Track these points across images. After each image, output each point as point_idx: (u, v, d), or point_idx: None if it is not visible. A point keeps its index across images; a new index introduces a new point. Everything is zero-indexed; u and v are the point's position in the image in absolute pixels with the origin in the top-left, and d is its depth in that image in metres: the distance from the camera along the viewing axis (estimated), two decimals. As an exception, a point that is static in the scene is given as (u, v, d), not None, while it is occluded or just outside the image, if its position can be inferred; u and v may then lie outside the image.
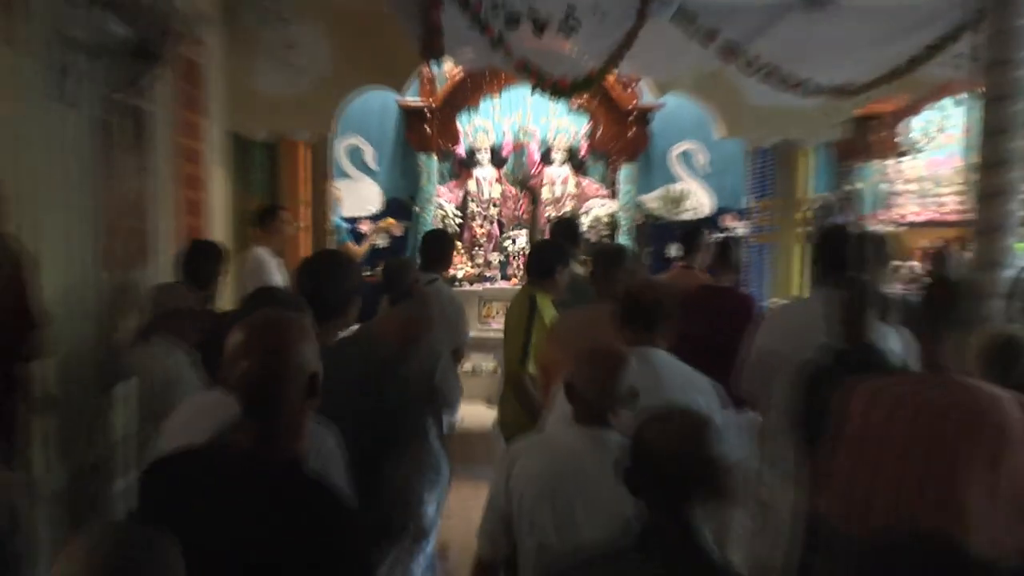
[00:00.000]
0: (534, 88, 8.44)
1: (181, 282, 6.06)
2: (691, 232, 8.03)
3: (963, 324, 3.97)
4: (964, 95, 10.38)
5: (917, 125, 11.44)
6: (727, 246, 7.18)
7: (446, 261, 7.41)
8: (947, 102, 11.18)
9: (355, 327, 4.58)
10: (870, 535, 3.62)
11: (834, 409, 3.98)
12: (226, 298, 7.24)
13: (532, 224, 8.00)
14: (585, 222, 11.08)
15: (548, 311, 5.94)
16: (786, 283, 10.63)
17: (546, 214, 10.72)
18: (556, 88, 8.10)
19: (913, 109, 11.15)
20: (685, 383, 4.15)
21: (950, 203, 11.46)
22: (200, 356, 5.31)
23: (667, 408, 3.10)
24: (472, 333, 9.55)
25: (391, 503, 4.38)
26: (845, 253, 5.57)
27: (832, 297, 5.02)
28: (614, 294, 4.89)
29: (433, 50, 5.74)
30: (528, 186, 9.00)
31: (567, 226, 7.52)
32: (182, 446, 2.90)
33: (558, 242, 6.59)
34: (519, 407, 5.67)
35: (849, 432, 3.93)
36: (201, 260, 6.37)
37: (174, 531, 2.35)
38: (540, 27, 7.47)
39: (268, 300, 3.64)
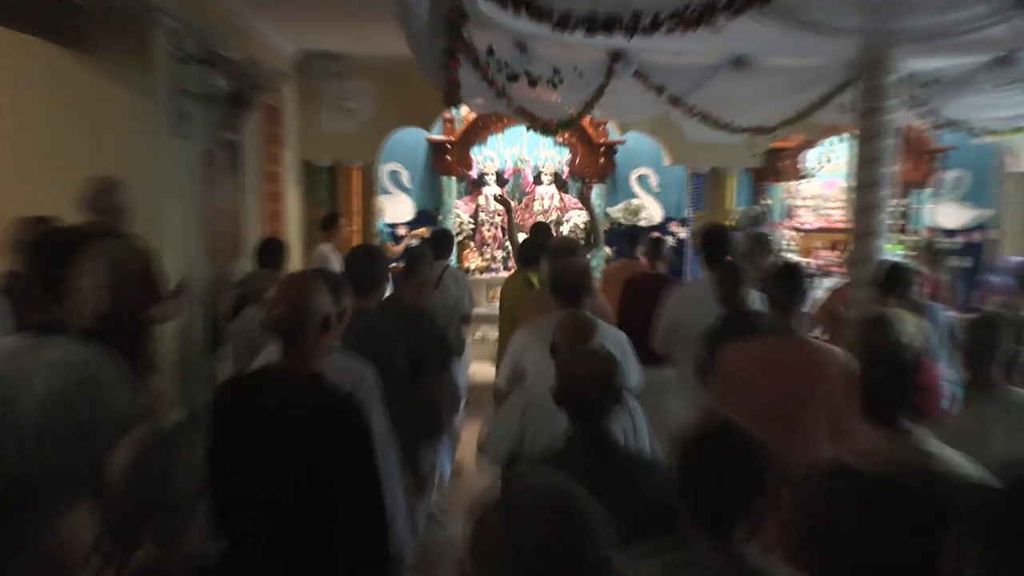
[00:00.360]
0: (529, 127, 8.47)
1: (260, 269, 6.12)
2: (633, 234, 8.28)
3: (804, 299, 4.06)
4: (846, 134, 10.44)
5: (812, 156, 11.47)
6: (657, 243, 7.25)
7: (449, 251, 7.46)
8: (833, 139, 11.24)
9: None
10: None
11: (717, 362, 4.10)
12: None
13: (509, 227, 8.03)
14: (565, 228, 11.18)
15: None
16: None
17: (538, 219, 10.77)
18: (545, 127, 8.13)
19: (809, 144, 11.16)
20: (603, 334, 4.01)
21: (836, 215, 11.52)
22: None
23: (588, 349, 3.24)
24: (482, 310, 9.65)
25: (426, 413, 4.55)
26: (722, 246, 5.62)
27: (713, 279, 5.12)
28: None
29: (453, 99, 5.80)
30: (502, 200, 8.99)
31: (543, 227, 7.61)
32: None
33: (539, 239, 6.69)
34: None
35: (722, 379, 4.04)
36: (271, 250, 6.40)
37: (235, 427, 2.66)
38: (533, 83, 7.52)
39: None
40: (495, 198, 11.03)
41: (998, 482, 1.63)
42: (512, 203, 10.08)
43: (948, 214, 11.61)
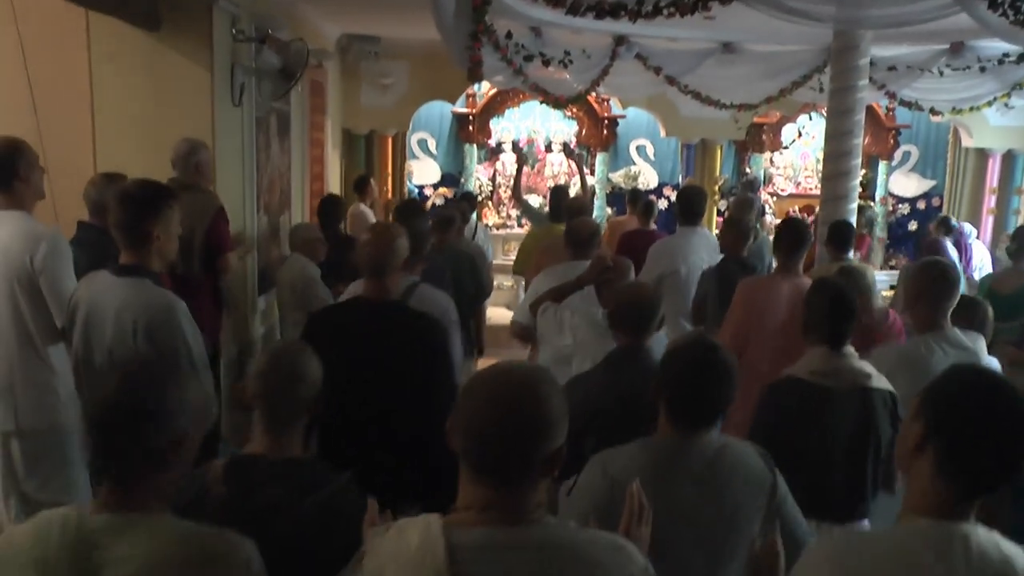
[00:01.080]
0: (542, 101, 8.52)
1: (304, 223, 6.14)
2: (632, 195, 8.47)
3: (803, 248, 4.21)
4: (817, 112, 10.42)
5: (789, 130, 11.43)
6: (648, 204, 7.32)
7: (474, 208, 7.65)
8: (808, 116, 11.20)
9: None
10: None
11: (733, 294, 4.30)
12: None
13: (516, 179, 8.02)
14: (572, 192, 11.19)
15: None
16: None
17: (548, 184, 10.81)
18: (556, 102, 8.17)
19: (787, 119, 11.15)
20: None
21: (807, 183, 11.53)
22: (323, 270, 5.52)
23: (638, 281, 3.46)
24: (497, 260, 9.70)
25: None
26: (696, 205, 5.71)
27: (688, 232, 5.41)
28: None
29: (476, 76, 5.82)
30: (518, 152, 8.92)
31: (561, 190, 7.66)
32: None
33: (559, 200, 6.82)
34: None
35: (736, 308, 4.24)
36: (332, 207, 6.43)
37: (330, 347, 2.61)
38: (546, 63, 7.53)
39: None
40: (514, 149, 11.02)
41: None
42: (525, 167, 10.11)
43: (903, 184, 11.58)
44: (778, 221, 10.69)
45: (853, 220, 6.16)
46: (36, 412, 3.51)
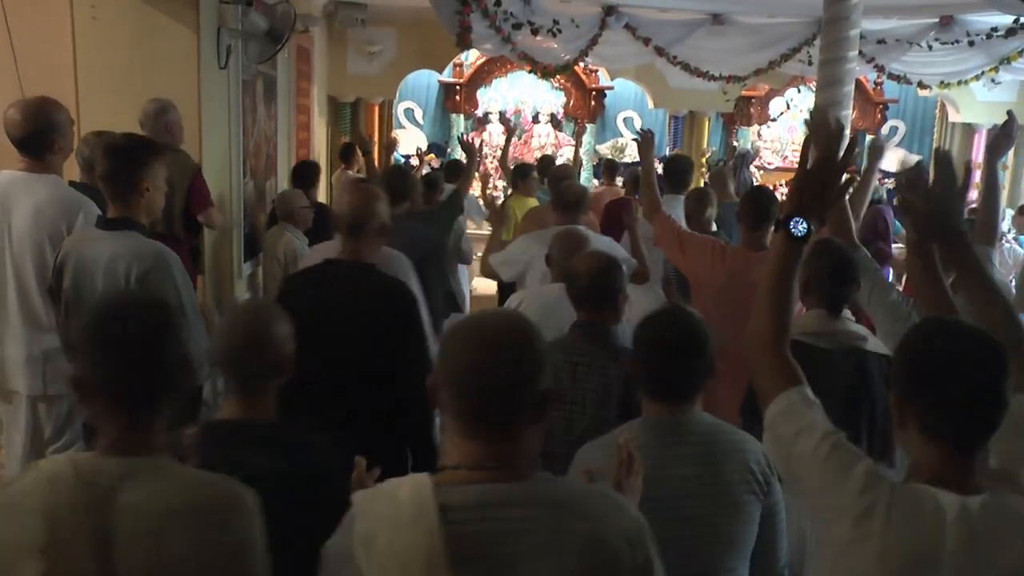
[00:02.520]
0: (530, 71, 8.47)
1: (292, 189, 6.13)
2: (610, 166, 8.45)
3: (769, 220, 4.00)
4: (805, 85, 10.43)
5: (776, 103, 11.43)
6: (635, 175, 7.34)
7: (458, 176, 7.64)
8: (794, 90, 11.20)
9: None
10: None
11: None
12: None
13: (505, 149, 7.97)
14: (559, 162, 11.17)
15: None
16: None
17: (535, 155, 10.77)
18: (545, 71, 8.15)
19: (775, 92, 11.16)
20: (596, 243, 3.95)
21: (794, 157, 11.53)
22: (308, 236, 5.50)
23: (593, 251, 3.23)
24: (483, 231, 9.66)
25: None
26: (682, 174, 5.87)
27: (672, 200, 5.37)
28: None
29: (464, 42, 5.81)
30: (506, 123, 8.80)
31: (548, 159, 7.67)
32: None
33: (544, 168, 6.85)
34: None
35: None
36: (305, 171, 6.42)
37: (304, 307, 2.60)
38: (535, 31, 7.51)
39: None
40: (501, 120, 10.98)
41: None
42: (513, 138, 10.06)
43: (889, 158, 11.60)
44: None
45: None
46: (63, 377, 3.47)
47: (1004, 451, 1.67)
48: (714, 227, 5.08)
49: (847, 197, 3.18)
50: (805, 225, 1.83)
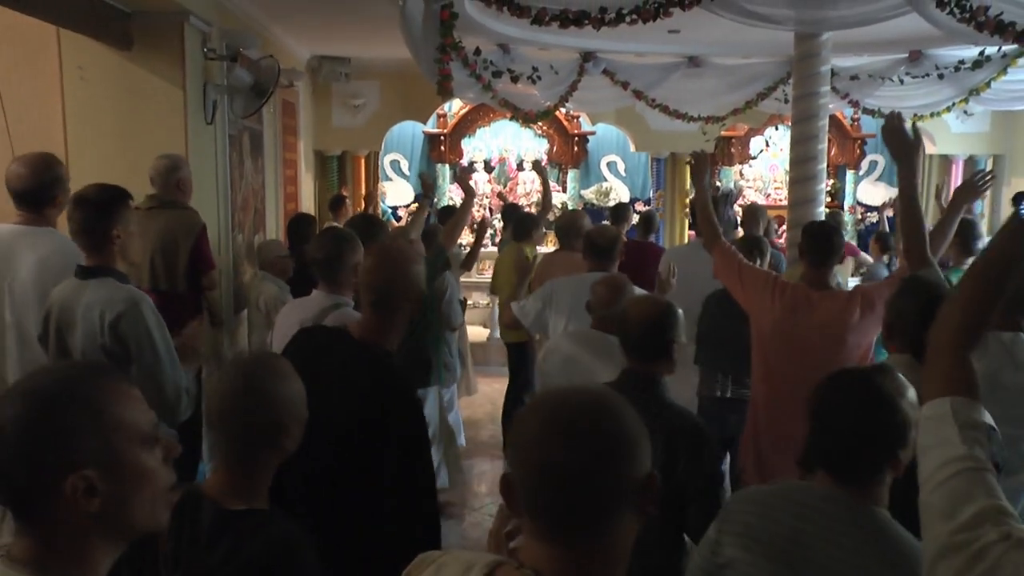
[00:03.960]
0: (512, 117, 8.64)
1: (272, 240, 6.14)
2: (618, 212, 8.19)
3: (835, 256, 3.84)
4: (783, 124, 10.60)
5: (756, 142, 11.60)
6: (649, 217, 7.51)
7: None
8: (772, 128, 11.38)
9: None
10: None
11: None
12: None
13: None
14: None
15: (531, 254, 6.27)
16: (671, 239, 10.91)
17: (520, 201, 10.88)
18: (526, 117, 8.28)
19: (755, 132, 11.32)
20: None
21: (775, 194, 11.67)
22: (290, 286, 5.49)
23: (647, 296, 3.14)
24: (472, 278, 9.74)
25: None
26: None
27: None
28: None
29: (446, 90, 5.88)
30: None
31: (511, 207, 7.77)
32: (313, 325, 2.87)
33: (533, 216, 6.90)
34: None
35: None
36: (301, 226, 6.45)
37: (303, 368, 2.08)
38: (515, 79, 7.65)
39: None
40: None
41: None
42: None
43: (870, 192, 11.76)
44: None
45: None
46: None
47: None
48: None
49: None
50: None
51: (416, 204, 10.65)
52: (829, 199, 11.30)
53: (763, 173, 11.82)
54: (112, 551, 1.27)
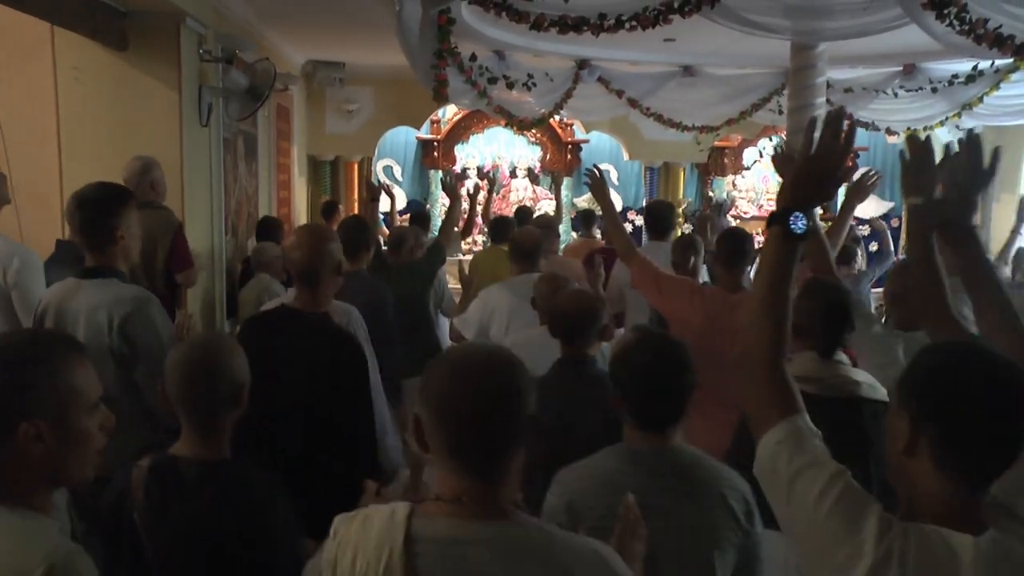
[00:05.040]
0: (506, 124, 8.63)
1: (268, 243, 6.16)
2: (587, 216, 8.10)
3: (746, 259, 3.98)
4: (776, 135, 10.61)
5: (749, 153, 11.62)
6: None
7: (429, 224, 7.79)
8: (767, 139, 11.39)
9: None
10: None
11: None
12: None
13: (487, 202, 7.90)
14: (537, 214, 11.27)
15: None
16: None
17: (514, 209, 10.82)
18: (521, 124, 8.29)
19: (748, 143, 11.34)
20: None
21: (768, 205, 11.66)
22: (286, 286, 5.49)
23: (577, 288, 3.37)
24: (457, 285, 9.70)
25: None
26: (664, 219, 5.80)
27: (655, 247, 5.35)
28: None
29: (441, 95, 5.88)
30: (488, 177, 8.72)
31: (525, 211, 7.75)
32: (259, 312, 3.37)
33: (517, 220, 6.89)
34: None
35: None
36: (268, 228, 6.53)
37: (256, 352, 2.41)
38: (510, 85, 7.66)
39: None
40: (480, 175, 11.00)
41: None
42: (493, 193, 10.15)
43: (862, 205, 11.74)
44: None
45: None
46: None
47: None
48: (705, 276, 5.06)
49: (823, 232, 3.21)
50: (804, 220, 1.65)
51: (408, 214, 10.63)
52: (821, 211, 11.34)
53: (756, 184, 11.83)
54: (50, 490, 1.58)
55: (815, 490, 1.48)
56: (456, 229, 5.86)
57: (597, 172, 4.22)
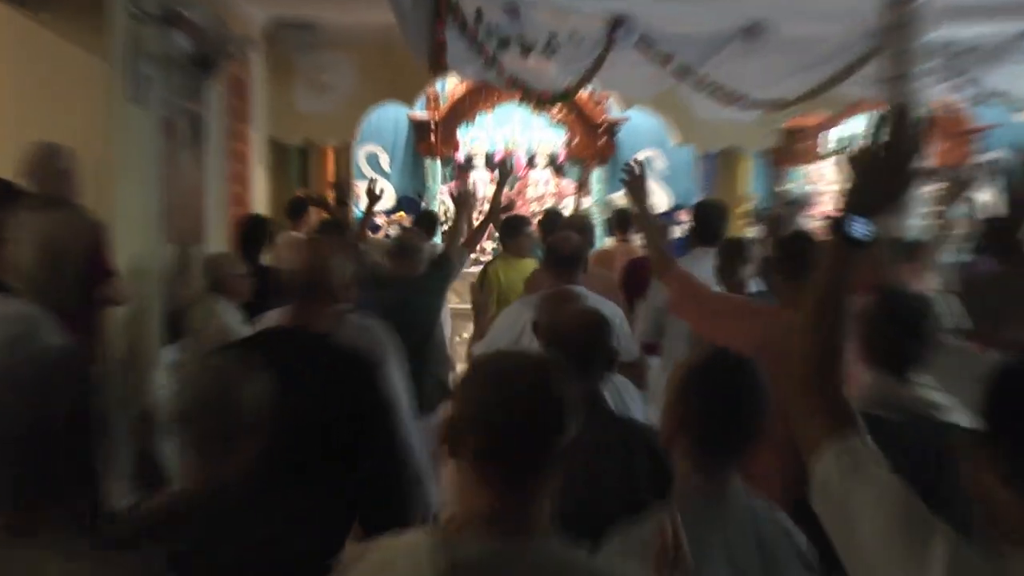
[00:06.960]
0: (521, 100, 8.60)
1: (226, 252, 6.16)
2: (622, 218, 8.13)
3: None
4: (873, 112, 10.51)
5: (834, 136, 11.54)
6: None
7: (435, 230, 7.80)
8: (859, 118, 11.31)
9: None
10: None
11: None
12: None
13: (495, 200, 7.82)
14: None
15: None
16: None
17: (530, 208, 10.84)
18: (539, 100, 8.26)
19: (832, 122, 11.27)
20: (609, 308, 4.23)
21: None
22: (248, 312, 5.48)
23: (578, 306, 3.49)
24: (467, 305, 9.69)
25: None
26: (714, 223, 5.80)
27: (701, 255, 5.38)
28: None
29: (439, 64, 5.86)
30: (501, 165, 8.65)
31: (555, 214, 7.73)
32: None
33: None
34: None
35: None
36: (254, 230, 6.51)
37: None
38: (526, 50, 7.61)
39: None
40: (488, 165, 10.99)
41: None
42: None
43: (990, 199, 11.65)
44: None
45: (916, 235, 6.21)
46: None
47: None
48: (753, 287, 5.06)
49: None
50: (867, 225, 1.76)
51: (400, 212, 10.66)
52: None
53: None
54: None
55: (872, 510, 1.61)
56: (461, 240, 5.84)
57: (637, 168, 4.26)
